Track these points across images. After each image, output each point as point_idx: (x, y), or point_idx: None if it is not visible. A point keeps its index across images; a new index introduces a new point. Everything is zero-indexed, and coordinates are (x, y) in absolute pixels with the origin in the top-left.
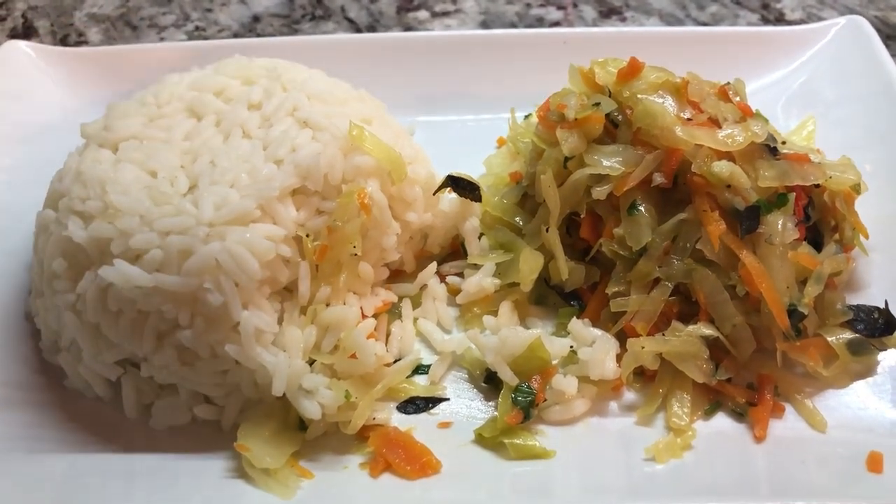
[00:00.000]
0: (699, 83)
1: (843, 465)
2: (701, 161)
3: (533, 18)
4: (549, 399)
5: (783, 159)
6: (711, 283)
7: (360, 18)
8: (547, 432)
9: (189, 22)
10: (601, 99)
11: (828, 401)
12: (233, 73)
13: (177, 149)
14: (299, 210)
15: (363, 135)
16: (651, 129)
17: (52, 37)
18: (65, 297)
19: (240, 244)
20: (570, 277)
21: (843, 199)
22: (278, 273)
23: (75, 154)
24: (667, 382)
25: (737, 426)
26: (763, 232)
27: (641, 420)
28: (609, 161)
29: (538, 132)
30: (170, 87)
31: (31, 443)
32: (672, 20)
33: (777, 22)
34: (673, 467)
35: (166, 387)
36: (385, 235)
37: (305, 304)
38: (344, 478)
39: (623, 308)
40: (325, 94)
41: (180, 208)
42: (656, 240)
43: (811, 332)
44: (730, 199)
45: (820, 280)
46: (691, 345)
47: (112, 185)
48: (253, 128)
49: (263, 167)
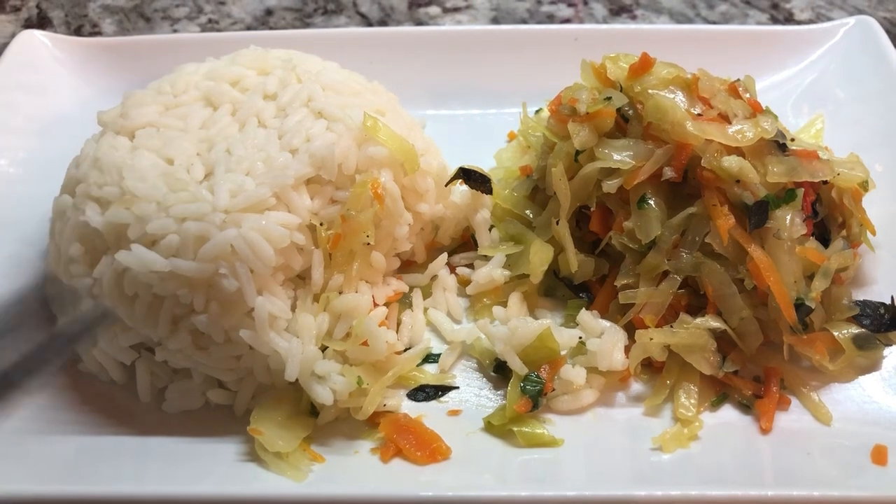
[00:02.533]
0: (709, 79)
1: (848, 456)
2: (711, 156)
3: (543, 15)
4: (558, 389)
5: (792, 155)
6: (720, 276)
7: (372, 13)
8: (555, 421)
9: (202, 14)
10: (612, 93)
11: (833, 394)
12: (248, 64)
13: (193, 137)
14: (313, 199)
15: (377, 125)
16: (662, 123)
17: (66, 27)
18: (81, 281)
19: (255, 231)
20: (579, 270)
21: (851, 195)
22: (292, 260)
23: (92, 141)
24: (674, 374)
25: (743, 418)
26: (771, 227)
27: (649, 411)
28: (620, 155)
29: (550, 126)
30: (186, 77)
31: (46, 425)
32: (682, 19)
33: (786, 22)
34: (680, 457)
35: (180, 371)
36: (397, 225)
37: (318, 291)
38: (355, 462)
39: (632, 300)
40: (340, 85)
41: (196, 195)
42: (665, 233)
43: (817, 326)
44: (739, 193)
45: (827, 275)
46: (699, 337)
47: (129, 171)
48: (268, 117)
49: (279, 156)
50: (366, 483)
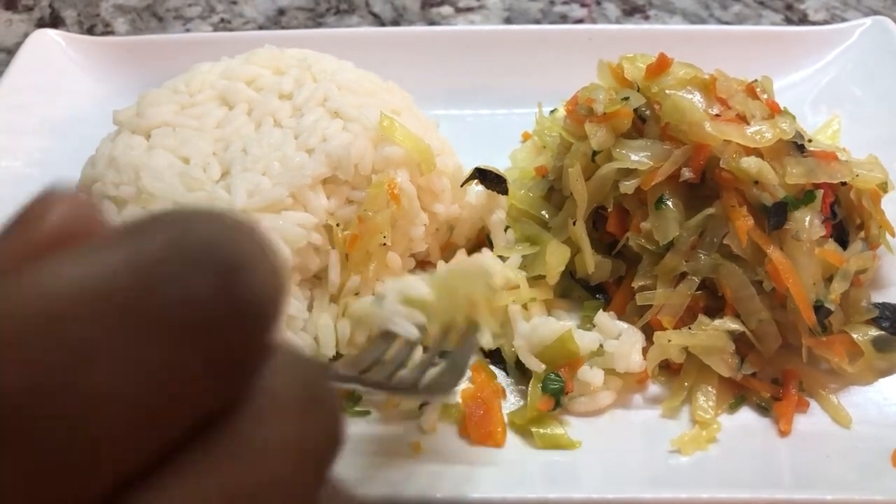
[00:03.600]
0: (727, 80)
1: (868, 459)
2: (729, 157)
3: (556, 16)
4: (576, 390)
5: (810, 157)
6: (738, 278)
7: (385, 13)
8: (572, 423)
9: (214, 14)
10: (630, 94)
11: (852, 397)
12: (263, 63)
13: (209, 136)
14: (330, 199)
15: (394, 125)
16: (680, 124)
17: (78, 27)
18: None
19: (272, 231)
20: (596, 271)
21: (870, 197)
22: (309, 260)
23: (108, 140)
24: (692, 376)
25: (761, 420)
26: (790, 228)
27: (667, 413)
28: (637, 155)
29: (566, 126)
30: (201, 76)
31: None
32: (695, 19)
33: (801, 23)
34: (698, 459)
35: None
36: (413, 226)
37: (335, 292)
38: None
39: (649, 301)
40: (355, 84)
41: (213, 194)
42: (683, 234)
43: (836, 328)
44: (757, 195)
45: (846, 277)
46: (717, 339)
47: (145, 170)
48: (284, 117)
49: (295, 156)
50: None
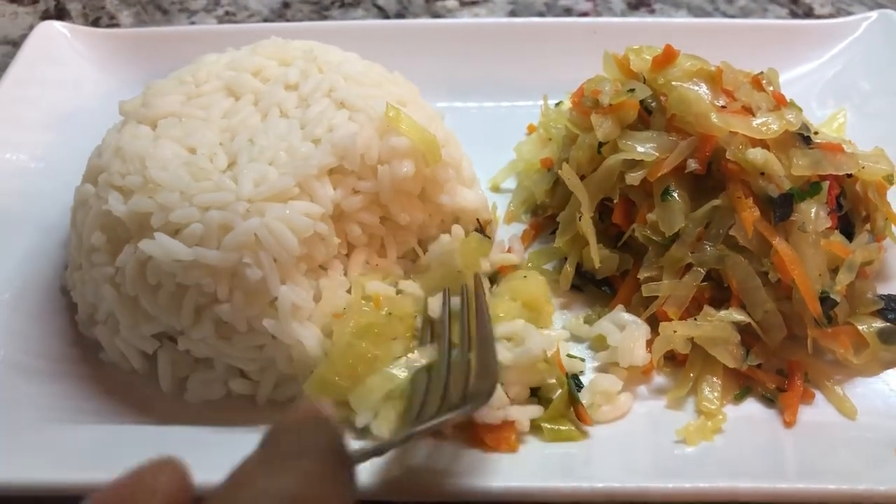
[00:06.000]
0: (733, 72)
1: (873, 450)
2: (735, 148)
3: (561, 9)
4: (596, 400)
5: (816, 148)
6: (744, 269)
7: (389, 6)
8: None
9: (219, 7)
10: (636, 85)
11: (857, 388)
12: (269, 54)
13: (215, 126)
14: (336, 189)
15: (399, 116)
16: (686, 115)
17: (83, 19)
18: (103, 270)
19: (279, 220)
20: (602, 265)
21: (876, 189)
22: (315, 251)
23: (114, 130)
24: (697, 367)
25: (767, 411)
26: (796, 220)
27: (672, 403)
28: (643, 147)
29: (572, 118)
30: (207, 67)
31: (66, 413)
32: (701, 13)
33: (806, 16)
34: (703, 449)
35: (201, 361)
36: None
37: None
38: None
39: (655, 293)
40: (361, 75)
41: (220, 184)
42: (689, 225)
43: (841, 320)
44: (763, 186)
45: (852, 268)
46: (722, 330)
47: (152, 160)
48: (290, 108)
49: (301, 146)
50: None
